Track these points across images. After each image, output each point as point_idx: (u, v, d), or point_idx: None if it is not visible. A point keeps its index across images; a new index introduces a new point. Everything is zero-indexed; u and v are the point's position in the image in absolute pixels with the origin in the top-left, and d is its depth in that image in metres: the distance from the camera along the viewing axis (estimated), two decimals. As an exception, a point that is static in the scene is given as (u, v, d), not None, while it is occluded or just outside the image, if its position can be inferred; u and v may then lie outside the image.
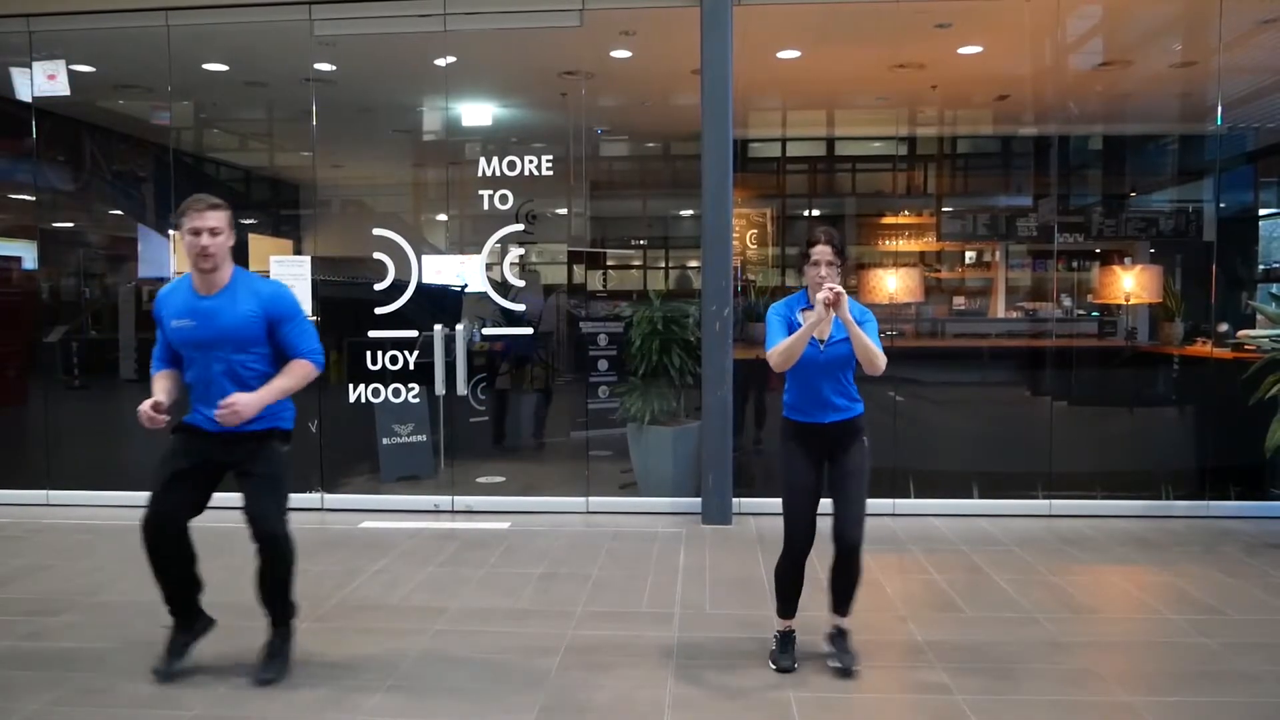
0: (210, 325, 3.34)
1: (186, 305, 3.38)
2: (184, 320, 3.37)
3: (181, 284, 3.45)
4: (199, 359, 3.39)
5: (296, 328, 3.44)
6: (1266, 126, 7.88)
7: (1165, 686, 3.43)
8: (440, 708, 3.26)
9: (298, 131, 6.88)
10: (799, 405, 3.54)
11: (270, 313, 3.39)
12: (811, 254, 3.43)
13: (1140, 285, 6.91)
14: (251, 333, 3.37)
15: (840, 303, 3.25)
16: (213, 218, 3.31)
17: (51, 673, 3.54)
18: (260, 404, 3.30)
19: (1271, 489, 6.10)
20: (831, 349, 3.42)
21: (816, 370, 3.45)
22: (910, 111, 8.57)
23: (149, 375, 3.54)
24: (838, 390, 3.50)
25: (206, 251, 3.29)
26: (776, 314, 3.52)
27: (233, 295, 3.37)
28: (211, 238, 3.30)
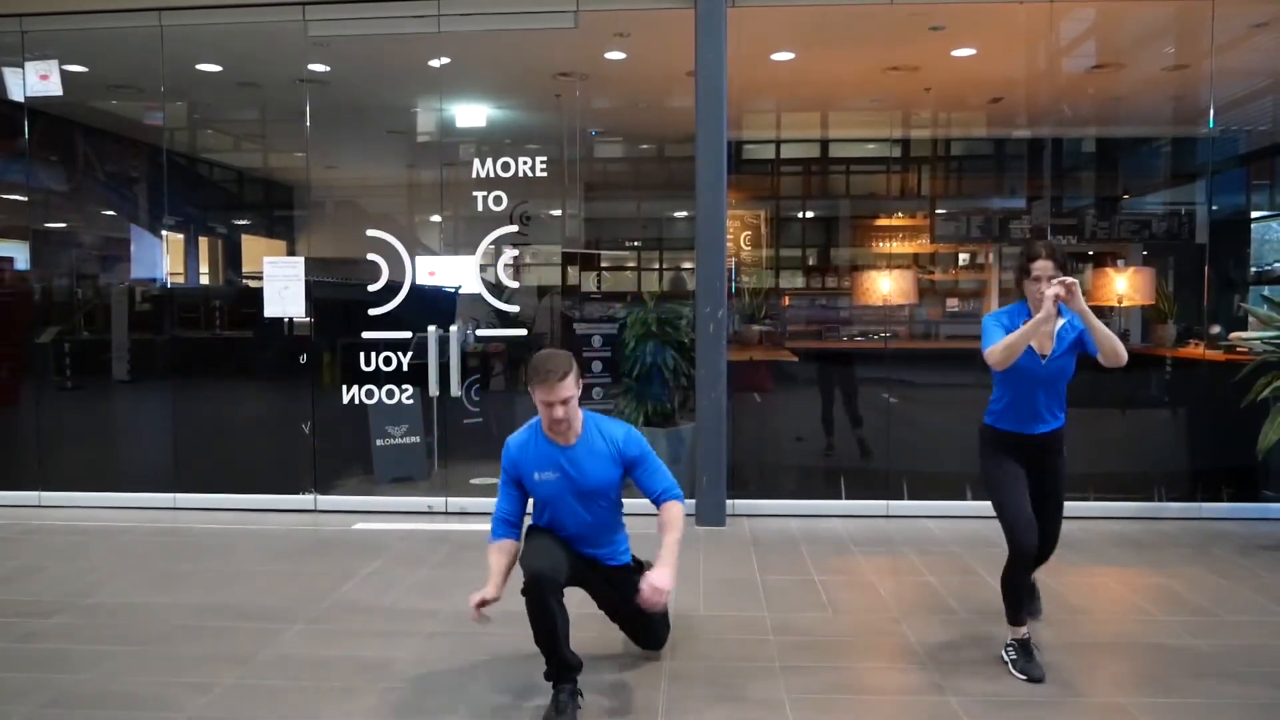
0: (578, 476, 3.35)
1: (549, 457, 3.36)
2: (548, 473, 3.35)
3: (535, 433, 3.40)
4: (560, 511, 3.40)
5: (652, 467, 3.44)
6: (1258, 129, 7.91)
7: (1157, 688, 3.44)
8: (433, 710, 3.26)
9: (291, 132, 6.87)
10: (1008, 415, 3.55)
11: (628, 457, 3.40)
12: (1033, 269, 3.39)
13: (1133, 287, 6.93)
14: (613, 480, 3.40)
15: (1075, 294, 3.20)
16: (564, 389, 3.21)
17: (45, 675, 3.53)
18: (672, 575, 3.25)
19: (1264, 491, 6.12)
20: (1053, 363, 3.42)
21: (1035, 383, 3.44)
22: (904, 114, 8.58)
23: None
24: (1053, 403, 3.51)
25: (560, 420, 3.25)
26: (996, 321, 3.48)
27: (591, 443, 3.38)
28: (564, 407, 3.24)
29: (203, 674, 3.54)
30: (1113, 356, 3.34)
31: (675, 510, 3.41)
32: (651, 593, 3.18)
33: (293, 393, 6.41)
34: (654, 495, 3.43)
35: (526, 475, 3.39)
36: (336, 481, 6.62)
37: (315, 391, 6.39)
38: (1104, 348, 3.33)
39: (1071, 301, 3.23)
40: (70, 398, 7.00)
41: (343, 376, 6.37)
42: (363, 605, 4.38)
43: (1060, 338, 3.40)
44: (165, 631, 4.01)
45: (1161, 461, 6.39)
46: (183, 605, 4.34)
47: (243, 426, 6.97)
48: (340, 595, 4.51)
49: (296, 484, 6.32)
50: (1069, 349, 3.43)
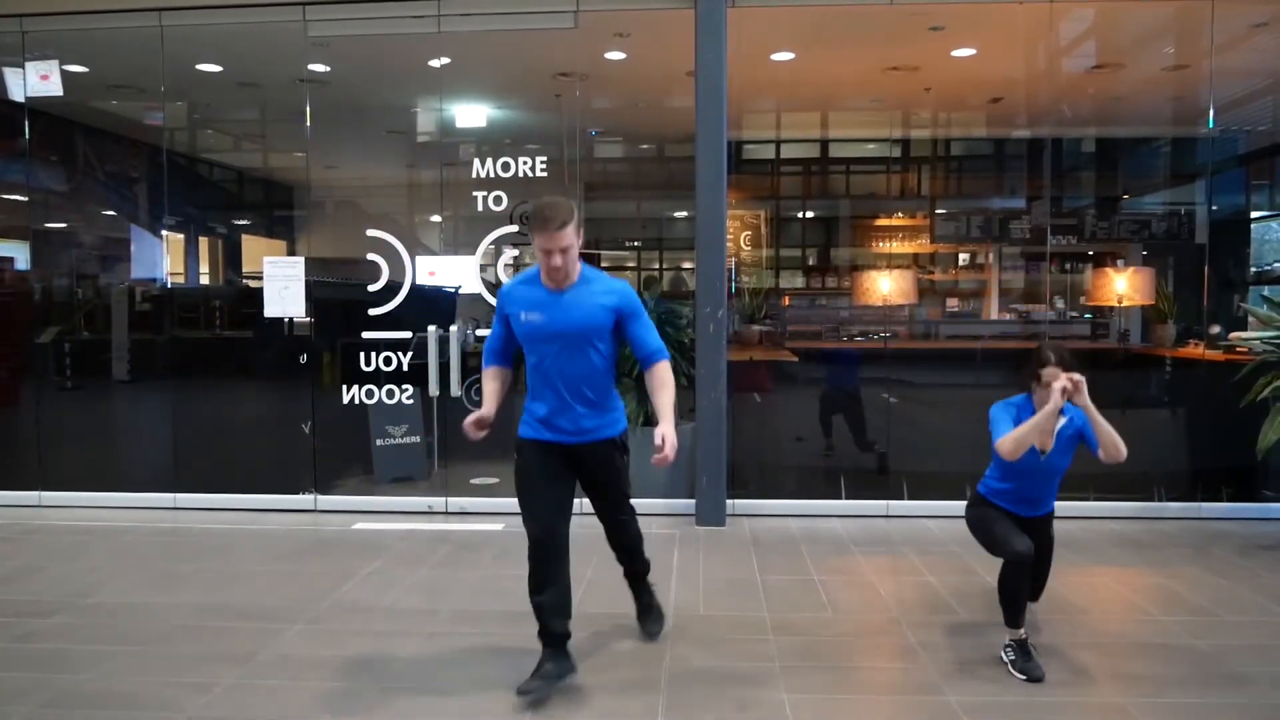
0: (564, 318, 3.35)
1: (540, 298, 3.39)
2: (535, 314, 3.38)
3: (532, 278, 3.44)
4: (546, 356, 3.40)
5: (645, 323, 3.47)
6: (1258, 129, 7.91)
7: (1157, 688, 3.44)
8: (433, 710, 3.26)
9: (291, 132, 6.86)
10: (1003, 497, 3.73)
11: (622, 309, 3.41)
12: (1042, 375, 3.51)
13: (1133, 287, 6.94)
14: (601, 327, 3.39)
15: (1081, 390, 3.37)
16: (564, 237, 3.26)
17: (44, 675, 3.53)
18: (674, 434, 3.28)
19: (1264, 491, 6.12)
20: (1051, 459, 3.59)
21: (1033, 477, 3.64)
22: (904, 114, 8.60)
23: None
24: (1048, 493, 3.74)
25: (558, 268, 3.30)
26: (1005, 411, 3.64)
27: (585, 289, 3.39)
28: (563, 255, 3.28)
29: (203, 674, 3.54)
30: (1113, 452, 3.50)
31: (667, 371, 3.46)
32: (663, 443, 3.23)
33: (293, 393, 6.41)
34: (646, 351, 3.45)
35: (514, 315, 3.42)
36: (336, 481, 6.62)
37: (315, 391, 6.39)
38: (1105, 444, 3.50)
39: (1078, 397, 3.39)
40: (70, 398, 7.00)
41: (343, 376, 6.37)
42: (363, 605, 4.38)
43: (1059, 435, 3.57)
44: (165, 631, 4.01)
45: (1161, 461, 6.39)
46: (183, 605, 4.34)
47: (243, 426, 6.98)
48: (340, 595, 4.51)
49: (296, 484, 6.32)
50: (1067, 445, 3.61)
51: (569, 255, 3.29)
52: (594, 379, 3.42)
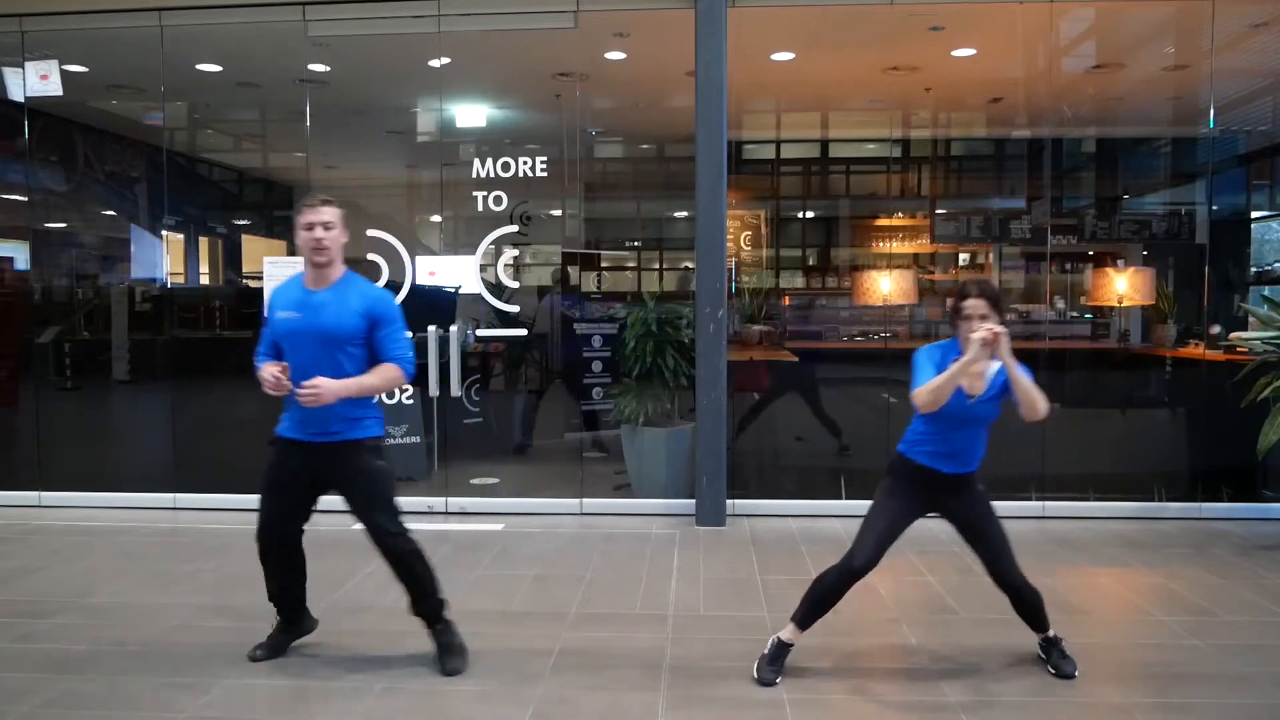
0: (315, 318, 3.39)
1: (296, 298, 3.45)
2: (290, 312, 3.42)
3: (295, 279, 3.52)
4: (297, 353, 3.41)
5: (393, 332, 3.48)
6: (1258, 129, 7.92)
7: (1157, 688, 3.44)
8: (433, 710, 3.26)
9: (291, 132, 6.87)
10: (925, 447, 3.43)
11: (374, 314, 3.44)
12: (964, 308, 3.27)
13: (1133, 287, 6.93)
14: (353, 331, 3.41)
15: (1000, 343, 3.13)
16: (326, 212, 3.41)
17: (43, 675, 3.52)
18: (341, 391, 3.31)
19: (1264, 491, 6.12)
20: (981, 405, 3.31)
21: (960, 423, 3.34)
22: (904, 114, 8.59)
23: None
24: (971, 446, 3.42)
25: (321, 244, 3.38)
26: (927, 357, 3.37)
27: (341, 292, 3.45)
28: (325, 231, 3.38)
29: (203, 674, 3.54)
30: (1030, 412, 3.26)
31: (392, 369, 3.45)
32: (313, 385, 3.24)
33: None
34: (384, 357, 3.45)
35: (271, 312, 3.48)
36: (336, 481, 6.61)
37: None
38: (1023, 401, 3.25)
39: (998, 349, 3.14)
40: (70, 398, 7.00)
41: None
42: (363, 605, 4.38)
43: (994, 381, 3.30)
44: (165, 631, 4.01)
45: (1161, 461, 6.39)
46: (182, 605, 4.33)
47: (243, 426, 6.96)
48: (340, 595, 4.50)
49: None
50: (1000, 392, 3.32)
51: (331, 234, 3.40)
52: None
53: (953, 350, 3.35)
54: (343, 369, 3.40)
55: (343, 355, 3.41)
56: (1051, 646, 3.58)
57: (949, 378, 3.19)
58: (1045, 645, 3.61)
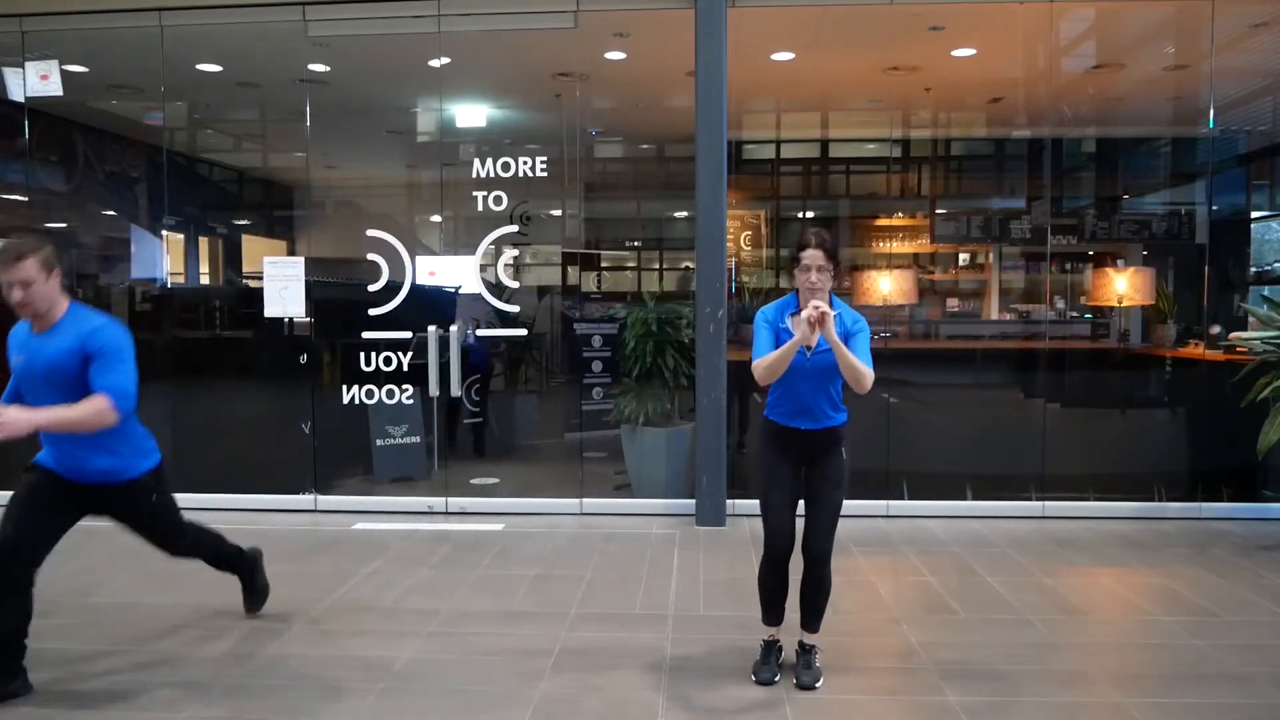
0: (36, 361, 3.32)
1: (22, 341, 3.38)
2: (19, 356, 3.38)
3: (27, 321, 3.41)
4: (32, 396, 3.37)
5: (105, 363, 3.27)
6: (1258, 129, 7.92)
7: (1157, 688, 3.44)
8: (433, 710, 3.26)
9: (291, 132, 6.87)
10: (780, 408, 3.44)
11: (88, 348, 3.28)
12: (802, 258, 3.29)
13: (1133, 287, 6.94)
14: (73, 369, 3.27)
15: (826, 323, 3.12)
16: (20, 270, 3.18)
17: (42, 675, 3.52)
18: (30, 424, 3.14)
19: (1264, 491, 6.12)
20: (818, 357, 3.29)
21: (801, 377, 3.33)
22: (904, 114, 8.60)
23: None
24: (822, 398, 3.37)
25: (21, 304, 3.24)
26: (765, 320, 3.38)
27: (60, 332, 3.31)
28: (24, 290, 3.21)
29: (203, 674, 3.54)
30: (855, 385, 3.24)
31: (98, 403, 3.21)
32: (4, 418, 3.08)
33: (293, 393, 6.41)
34: (93, 387, 3.25)
35: (9, 355, 3.41)
36: (336, 481, 6.62)
37: (315, 391, 6.39)
38: (847, 375, 3.24)
39: (824, 330, 3.14)
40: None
41: (343, 376, 6.37)
42: (363, 605, 4.38)
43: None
44: (165, 631, 4.01)
45: (1161, 461, 6.39)
46: (182, 605, 4.33)
47: (243, 426, 6.97)
48: (340, 595, 4.51)
49: (296, 484, 6.31)
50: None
51: (31, 291, 3.21)
52: None
53: (790, 305, 3.38)
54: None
55: (69, 394, 3.26)
56: (807, 653, 3.53)
57: (781, 355, 3.22)
58: (803, 648, 3.54)
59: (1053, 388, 6.75)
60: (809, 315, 3.12)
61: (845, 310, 3.36)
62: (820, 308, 3.12)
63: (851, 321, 3.33)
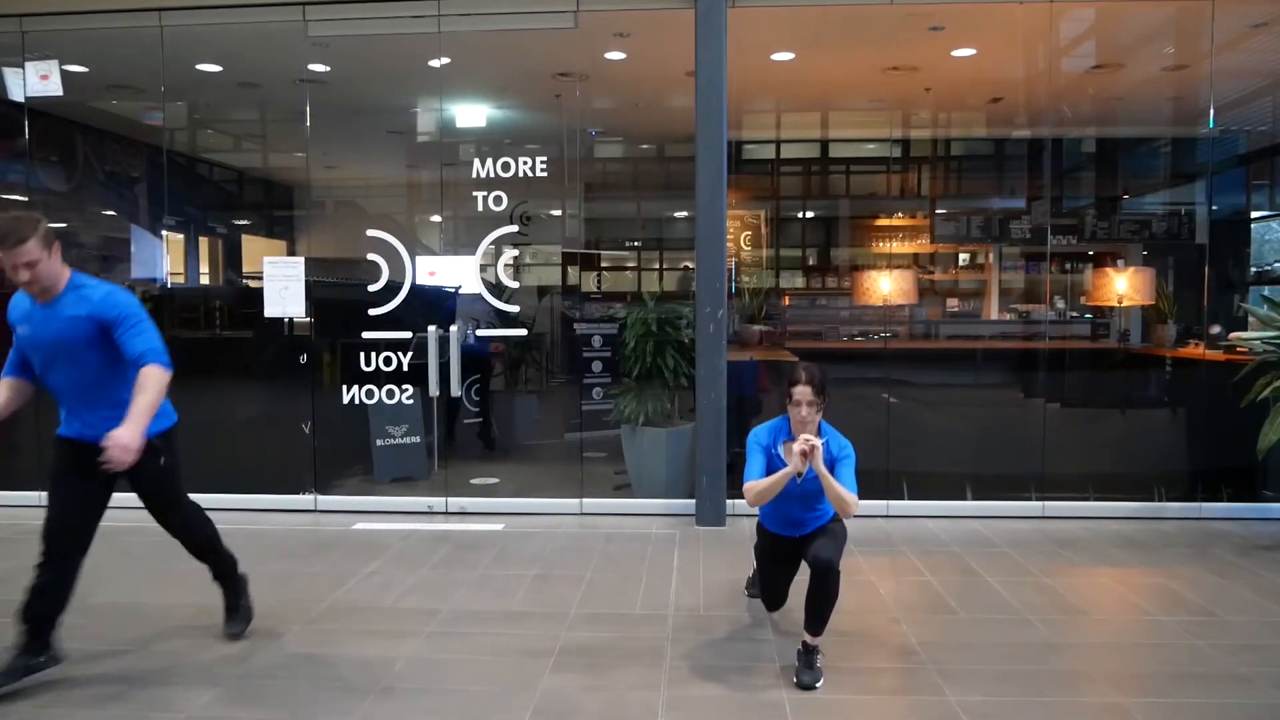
0: (44, 331, 3.34)
1: (26, 311, 3.40)
2: (23, 327, 3.39)
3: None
4: (43, 364, 3.41)
5: (129, 329, 3.33)
6: (1258, 129, 7.92)
7: (1157, 688, 3.44)
8: (433, 710, 3.26)
9: (291, 132, 6.86)
10: (772, 520, 3.81)
11: (102, 316, 3.32)
12: (794, 394, 3.54)
13: (1133, 287, 6.94)
14: (83, 337, 3.32)
15: (815, 455, 3.41)
16: (24, 253, 3.20)
17: (45, 674, 3.52)
18: (137, 434, 3.17)
19: (1264, 491, 6.12)
20: (806, 484, 3.57)
21: (791, 500, 3.64)
22: (904, 114, 8.60)
23: None
24: (810, 511, 3.70)
25: (29, 283, 3.27)
26: (758, 443, 3.67)
27: (66, 301, 3.35)
28: (29, 270, 3.23)
29: (203, 674, 3.54)
30: (840, 512, 3.55)
31: (150, 373, 3.29)
32: (113, 447, 3.11)
33: (293, 393, 6.41)
34: (131, 356, 3.31)
35: (13, 328, 3.43)
36: (336, 481, 6.62)
37: (315, 391, 6.39)
38: (834, 504, 3.53)
39: (813, 462, 3.42)
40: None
41: (343, 376, 6.37)
42: (363, 605, 4.38)
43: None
44: (165, 632, 4.01)
45: (1161, 461, 6.39)
46: (182, 605, 4.33)
47: (243, 426, 6.97)
48: (340, 595, 4.50)
49: (296, 484, 6.31)
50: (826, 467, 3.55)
51: (37, 270, 3.24)
52: (93, 387, 3.36)
53: (782, 430, 3.69)
54: (86, 373, 3.36)
55: (82, 360, 3.35)
56: (809, 654, 3.52)
57: (773, 484, 3.52)
58: (805, 649, 3.54)
59: (1053, 388, 6.75)
60: (800, 449, 3.41)
61: (834, 437, 3.63)
62: (810, 441, 3.42)
63: (838, 449, 3.61)
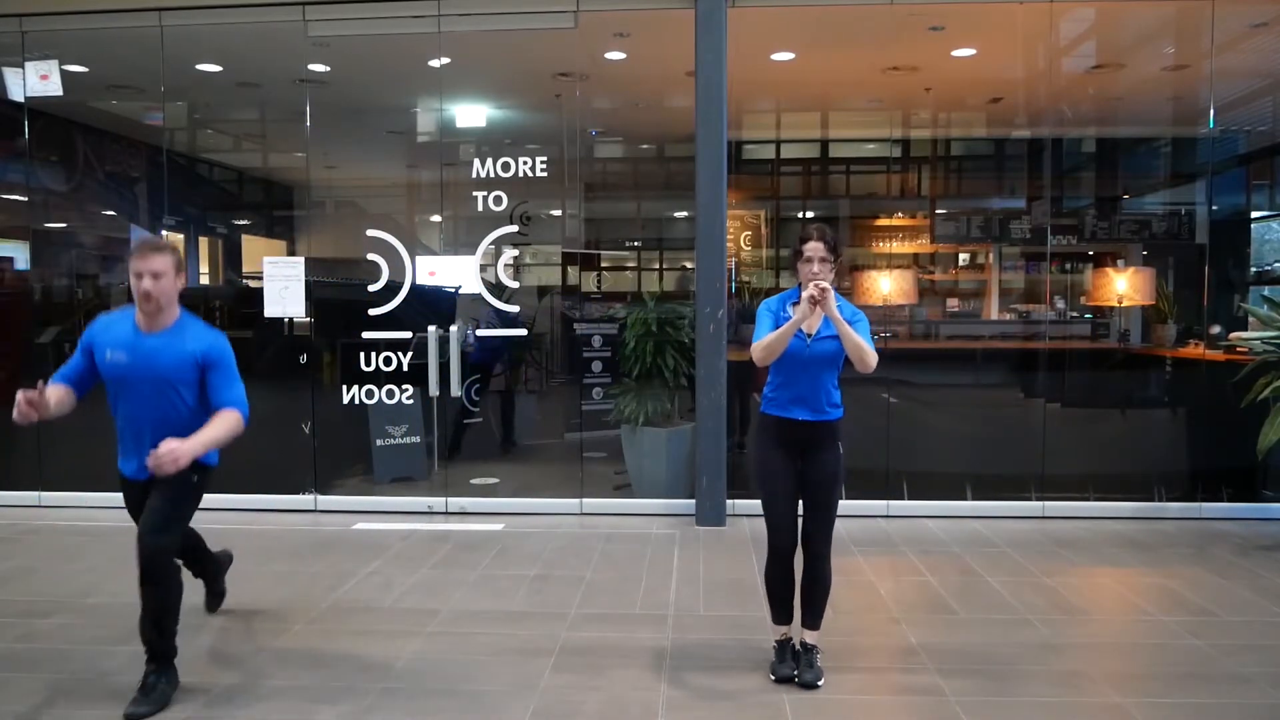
0: (147, 363, 3.32)
1: (127, 339, 3.36)
2: (119, 354, 3.35)
3: (126, 315, 3.42)
4: (129, 396, 3.38)
5: (224, 377, 3.40)
6: (1258, 129, 7.91)
7: (1157, 688, 3.44)
8: (433, 710, 3.26)
9: (291, 132, 6.87)
10: (777, 399, 3.48)
11: (207, 359, 3.37)
12: (804, 250, 3.37)
13: (1133, 287, 6.94)
14: (185, 376, 3.35)
15: (826, 299, 3.20)
16: (156, 261, 3.26)
17: (42, 674, 3.53)
18: (195, 453, 3.20)
19: (1264, 491, 6.12)
20: (818, 344, 3.36)
21: (800, 364, 3.38)
22: (904, 114, 8.59)
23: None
24: (819, 389, 3.41)
25: (149, 295, 3.26)
26: (766, 309, 3.46)
27: (175, 336, 3.36)
28: (154, 281, 3.25)
29: (203, 674, 3.54)
30: (860, 364, 3.30)
31: (231, 417, 3.34)
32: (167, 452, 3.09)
33: (293, 393, 6.41)
34: (217, 403, 3.37)
35: (99, 350, 3.38)
36: (336, 481, 6.62)
37: (315, 391, 6.39)
38: (852, 354, 3.31)
39: (824, 306, 3.22)
40: (70, 398, 6.98)
41: (343, 376, 6.37)
42: (363, 605, 4.38)
43: (827, 320, 3.32)
44: (165, 631, 4.01)
45: (1161, 461, 6.39)
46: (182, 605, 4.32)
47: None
48: (340, 595, 4.50)
49: (296, 484, 6.31)
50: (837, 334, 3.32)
51: (160, 284, 3.27)
52: (171, 426, 3.32)
53: (790, 296, 3.45)
54: (174, 411, 3.36)
55: (175, 398, 3.37)
56: (808, 652, 3.51)
57: (780, 335, 3.29)
58: (803, 648, 3.53)
59: (1053, 388, 6.75)
60: (810, 293, 3.20)
61: (844, 304, 3.37)
62: (821, 284, 3.20)
63: (850, 314, 3.35)
